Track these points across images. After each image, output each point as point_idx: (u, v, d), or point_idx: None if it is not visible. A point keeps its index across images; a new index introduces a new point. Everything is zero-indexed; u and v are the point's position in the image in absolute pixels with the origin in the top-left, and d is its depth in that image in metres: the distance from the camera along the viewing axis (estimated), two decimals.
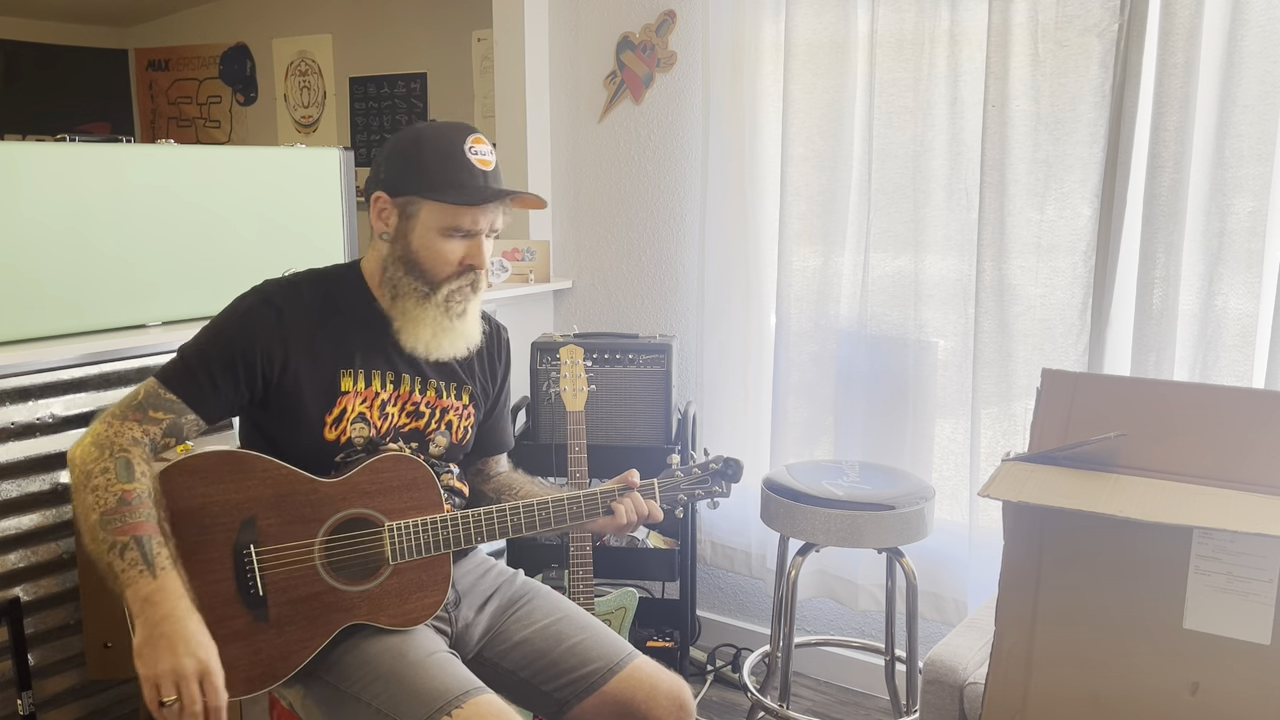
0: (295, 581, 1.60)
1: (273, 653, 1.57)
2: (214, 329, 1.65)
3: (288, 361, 1.63)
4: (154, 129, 6.60)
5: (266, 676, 1.57)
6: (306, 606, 1.60)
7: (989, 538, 2.57)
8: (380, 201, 1.65)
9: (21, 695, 2.00)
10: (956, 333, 2.68)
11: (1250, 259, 2.24)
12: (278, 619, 1.58)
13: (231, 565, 1.57)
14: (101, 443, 1.53)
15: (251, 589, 1.57)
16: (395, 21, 5.42)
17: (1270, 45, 2.18)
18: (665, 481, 1.79)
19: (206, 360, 1.60)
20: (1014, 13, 2.44)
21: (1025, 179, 2.49)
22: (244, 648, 1.55)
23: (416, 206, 1.62)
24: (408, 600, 1.66)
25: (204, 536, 1.56)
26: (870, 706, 2.91)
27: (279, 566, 1.59)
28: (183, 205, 2.44)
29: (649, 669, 1.76)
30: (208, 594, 1.53)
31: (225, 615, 1.55)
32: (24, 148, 2.26)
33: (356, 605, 1.63)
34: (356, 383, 1.68)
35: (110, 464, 1.50)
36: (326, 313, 1.68)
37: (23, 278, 2.18)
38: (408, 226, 1.64)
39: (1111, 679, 1.58)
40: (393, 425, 1.72)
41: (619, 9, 3.15)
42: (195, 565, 1.53)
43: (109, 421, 1.56)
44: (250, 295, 1.68)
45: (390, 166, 1.64)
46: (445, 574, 1.69)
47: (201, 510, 1.56)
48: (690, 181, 3.10)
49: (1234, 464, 1.57)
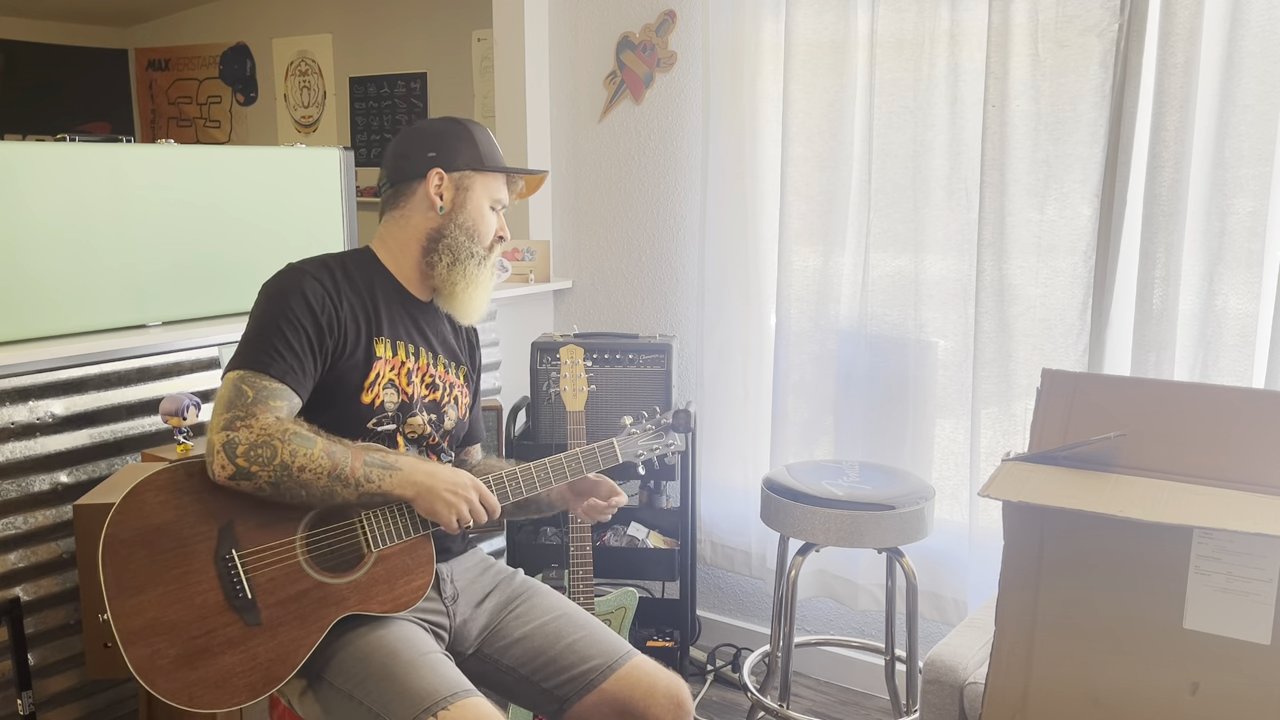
0: (282, 581, 1.60)
1: (270, 656, 1.57)
2: (279, 314, 1.66)
3: (345, 331, 1.71)
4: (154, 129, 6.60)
5: (267, 681, 1.57)
6: (296, 605, 1.60)
7: (989, 538, 2.57)
8: (438, 177, 1.80)
9: (21, 695, 2.00)
10: (956, 333, 2.68)
11: (1250, 259, 2.24)
12: (270, 621, 1.58)
13: (215, 574, 1.57)
14: (259, 442, 1.55)
15: (240, 594, 1.57)
16: (395, 21, 5.42)
17: (1270, 45, 2.18)
18: (623, 440, 1.89)
19: (292, 345, 1.64)
20: (1014, 13, 2.44)
21: (1025, 179, 2.49)
22: (240, 655, 1.55)
23: (471, 180, 1.82)
24: (395, 586, 1.67)
25: (184, 549, 1.55)
26: (870, 706, 2.91)
27: (263, 567, 1.59)
28: (183, 205, 2.44)
29: (647, 668, 1.77)
30: (195, 607, 1.53)
31: (217, 625, 1.55)
32: (24, 148, 2.26)
33: (346, 597, 1.63)
34: (386, 350, 1.76)
35: (290, 446, 1.56)
36: (355, 285, 1.76)
37: (23, 278, 2.18)
38: (464, 198, 1.81)
39: (1111, 679, 1.58)
40: (417, 395, 1.79)
41: (619, 9, 3.15)
42: (178, 579, 1.53)
43: (241, 425, 1.56)
44: (291, 275, 1.71)
45: (444, 147, 1.81)
46: (428, 555, 1.72)
47: (177, 523, 1.56)
48: (690, 181, 3.10)
49: (1234, 464, 1.57)
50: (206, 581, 1.56)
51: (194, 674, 1.51)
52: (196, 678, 1.51)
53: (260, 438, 1.56)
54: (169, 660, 1.50)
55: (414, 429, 1.79)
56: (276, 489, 1.57)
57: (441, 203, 1.80)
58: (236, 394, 1.59)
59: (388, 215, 1.83)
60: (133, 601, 1.51)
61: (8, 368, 2.14)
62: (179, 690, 1.49)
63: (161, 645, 1.50)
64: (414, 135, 1.83)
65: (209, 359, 2.47)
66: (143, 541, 1.53)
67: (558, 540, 2.96)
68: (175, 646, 1.51)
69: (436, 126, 1.84)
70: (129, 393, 2.36)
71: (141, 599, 1.51)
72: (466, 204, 1.81)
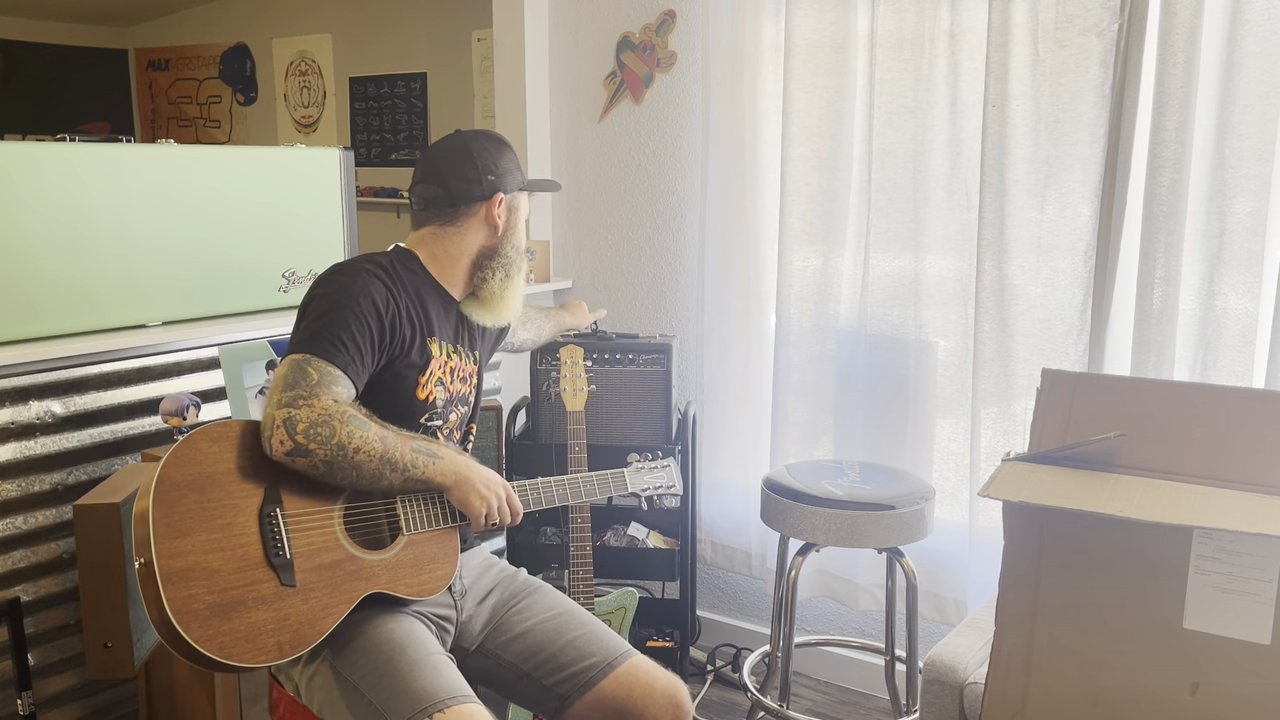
0: (319, 547, 1.62)
1: (300, 619, 1.57)
2: (348, 308, 1.68)
3: (403, 332, 1.75)
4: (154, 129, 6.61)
5: (295, 642, 1.56)
6: (329, 573, 1.61)
7: (989, 538, 2.57)
8: (502, 201, 1.87)
9: (21, 695, 2.00)
10: (956, 333, 2.68)
11: (1250, 259, 2.24)
12: (304, 584, 1.59)
13: (258, 529, 1.58)
14: (319, 421, 1.58)
15: (279, 552, 1.58)
16: (395, 21, 5.42)
17: (1270, 45, 2.18)
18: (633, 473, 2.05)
19: (357, 340, 1.67)
20: (1014, 13, 2.44)
21: (1025, 179, 2.49)
22: (273, 613, 1.55)
23: (519, 200, 1.92)
24: (422, 571, 1.70)
25: (230, 500, 1.57)
26: (870, 706, 2.91)
27: (303, 531, 1.61)
28: (183, 205, 2.44)
29: (646, 667, 1.77)
30: (236, 558, 1.54)
31: (254, 579, 1.55)
32: (24, 148, 2.26)
33: (376, 575, 1.65)
34: (438, 349, 1.82)
35: (347, 427, 1.59)
36: (406, 288, 1.79)
37: (23, 278, 2.18)
38: (515, 218, 1.92)
39: (1111, 679, 1.58)
40: (455, 391, 1.87)
41: (619, 9, 3.15)
42: (222, 528, 1.54)
43: (304, 405, 1.59)
44: (356, 273, 1.74)
45: (499, 169, 1.87)
46: (454, 547, 1.75)
47: (227, 475, 1.58)
48: (690, 181, 3.10)
49: (1234, 464, 1.57)
50: (249, 535, 1.57)
51: (226, 624, 1.50)
52: (229, 628, 1.51)
53: (320, 417, 1.58)
54: (205, 606, 1.49)
55: (451, 424, 1.86)
56: (329, 468, 1.60)
57: (500, 224, 1.87)
58: (300, 374, 1.62)
59: (439, 228, 1.85)
60: (178, 543, 1.51)
61: (8, 368, 2.14)
62: (210, 638, 1.49)
63: (199, 590, 1.50)
64: (472, 154, 1.86)
65: (209, 359, 2.47)
66: (194, 487, 1.54)
67: (558, 540, 2.96)
68: (212, 594, 1.51)
69: (491, 148, 1.89)
70: (129, 393, 2.36)
71: (186, 542, 1.52)
72: (517, 224, 1.92)
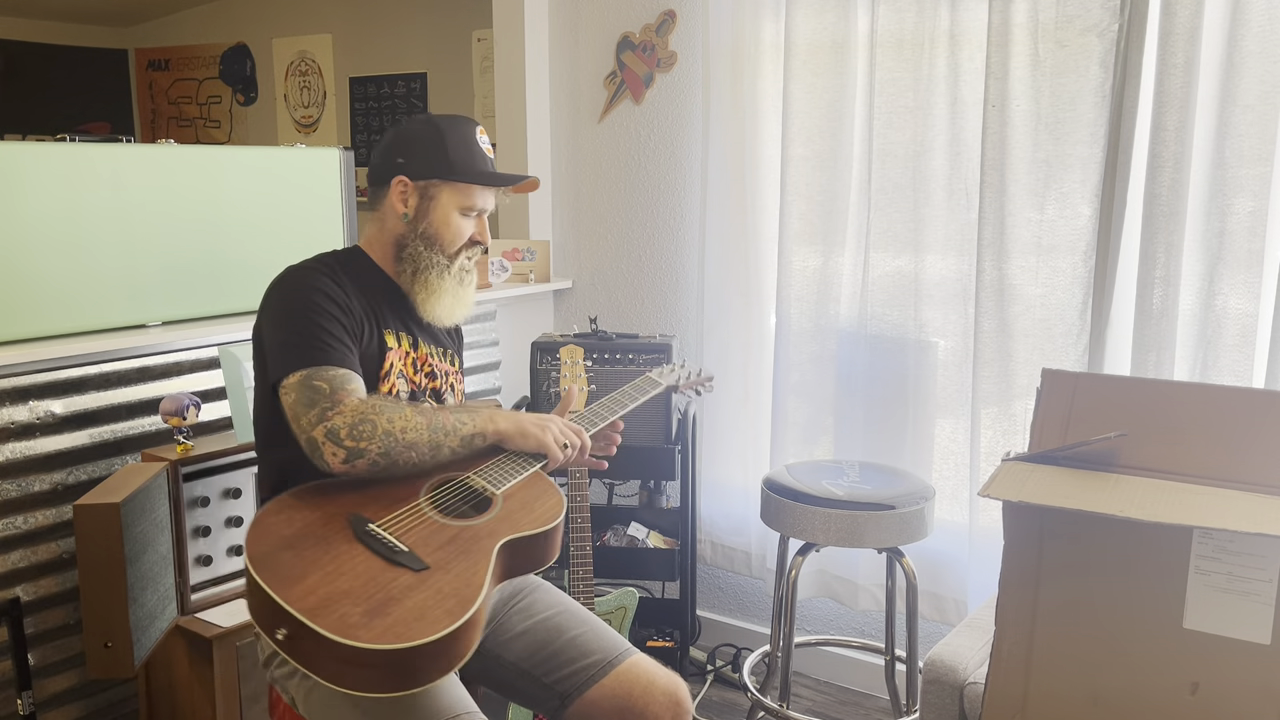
0: (427, 535, 1.58)
1: (453, 586, 1.52)
2: (310, 311, 1.68)
3: (361, 323, 1.74)
4: (154, 129, 6.60)
5: (461, 603, 1.49)
6: (453, 546, 1.58)
7: (989, 538, 2.57)
8: (402, 185, 1.81)
9: (21, 695, 1.99)
10: (956, 333, 2.68)
11: (1250, 259, 2.24)
12: (436, 562, 1.54)
13: (365, 547, 1.54)
14: (355, 421, 1.59)
15: (397, 551, 1.54)
16: (395, 21, 5.42)
17: (1270, 45, 2.18)
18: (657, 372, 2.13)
19: (335, 334, 1.67)
20: (1014, 13, 2.44)
21: (1025, 179, 2.49)
22: (426, 592, 1.49)
23: (438, 189, 1.80)
24: (534, 509, 1.69)
25: (323, 543, 1.53)
26: (870, 706, 2.91)
27: (405, 530, 1.58)
28: (183, 205, 2.44)
29: (646, 665, 1.77)
30: (361, 574, 1.49)
31: (389, 579, 1.49)
32: (24, 148, 2.26)
33: (495, 529, 1.63)
34: (394, 340, 1.80)
35: (384, 417, 1.60)
36: (355, 282, 1.78)
37: (23, 278, 2.18)
38: (428, 207, 1.81)
39: (1111, 679, 1.58)
40: (422, 384, 1.84)
41: (619, 9, 3.15)
42: (332, 560, 1.50)
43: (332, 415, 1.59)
44: (302, 274, 1.73)
45: (412, 153, 1.80)
46: (550, 482, 1.76)
47: (306, 528, 1.55)
48: (690, 181, 3.10)
49: (1234, 464, 1.57)
50: (360, 554, 1.53)
51: (389, 618, 1.44)
52: (393, 619, 1.44)
53: (356, 417, 1.59)
54: (359, 615, 1.43)
55: None
56: (388, 458, 1.60)
57: (406, 210, 1.81)
58: (312, 391, 1.62)
59: (372, 213, 1.87)
60: (300, 587, 1.45)
61: (8, 368, 2.14)
62: (383, 634, 1.41)
63: (345, 608, 1.44)
64: (391, 137, 1.84)
65: (209, 359, 2.47)
66: (285, 547, 1.51)
67: None
68: (359, 605, 1.44)
69: (411, 129, 1.83)
70: (129, 392, 2.36)
71: (307, 583, 1.46)
72: (430, 213, 1.81)
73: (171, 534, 2.20)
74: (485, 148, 1.85)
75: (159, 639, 2.09)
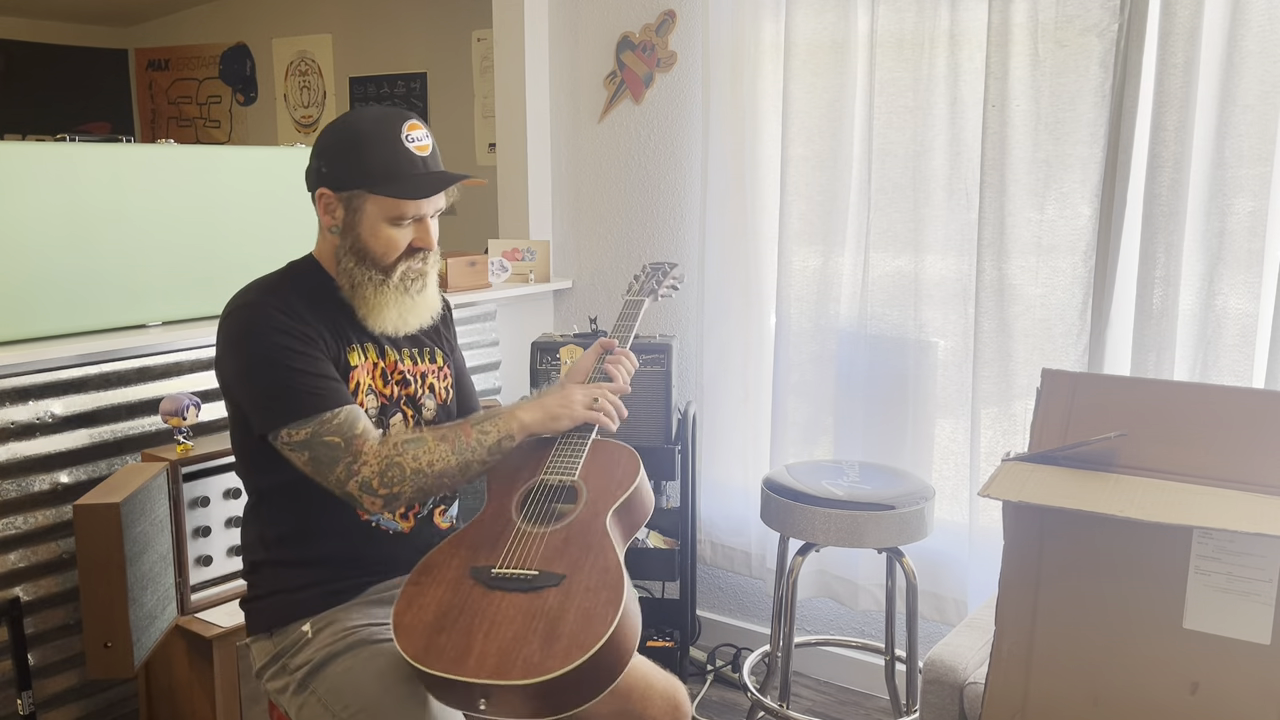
0: (544, 549, 1.60)
1: (596, 579, 1.54)
2: (279, 353, 1.61)
3: (325, 344, 1.67)
4: (154, 129, 6.60)
5: (615, 589, 1.52)
6: (573, 546, 1.60)
7: (989, 538, 2.57)
8: (325, 197, 1.68)
9: (21, 695, 1.99)
10: (956, 333, 2.68)
11: (1250, 259, 2.24)
12: (568, 568, 1.56)
13: (504, 592, 1.53)
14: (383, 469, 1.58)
15: (529, 578, 1.54)
16: (395, 21, 5.42)
17: (1270, 45, 2.18)
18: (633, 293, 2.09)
19: (311, 370, 1.61)
20: (1014, 13, 2.44)
21: (1025, 179, 2.49)
22: (577, 597, 1.51)
23: (361, 200, 1.65)
24: (614, 473, 1.73)
25: (469, 609, 1.52)
26: (870, 706, 2.91)
27: (523, 557, 1.58)
28: (183, 205, 2.44)
29: (645, 668, 1.77)
30: (512, 617, 1.49)
31: (541, 605, 1.50)
32: (24, 148, 2.26)
33: (596, 509, 1.66)
34: (358, 355, 1.73)
35: (410, 457, 1.59)
36: (310, 301, 1.69)
37: (23, 278, 2.18)
38: (355, 219, 1.67)
39: (1111, 679, 1.58)
40: (394, 394, 1.77)
41: (619, 9, 3.15)
42: (486, 623, 1.49)
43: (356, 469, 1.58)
44: (248, 317, 1.64)
45: (331, 162, 1.66)
46: (616, 444, 1.79)
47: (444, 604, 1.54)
48: (690, 181, 3.10)
49: (1234, 464, 1.57)
50: (503, 600, 1.52)
51: (563, 638, 1.45)
52: (568, 635, 1.45)
53: (383, 464, 1.58)
54: (538, 651, 1.44)
55: (396, 430, 1.75)
56: (424, 492, 1.61)
57: (333, 222, 1.68)
58: (328, 448, 1.59)
59: None
60: (472, 659, 1.44)
61: (8, 368, 2.14)
62: (568, 653, 1.42)
63: (524, 651, 1.44)
64: (324, 139, 1.69)
65: (209, 359, 2.47)
66: (436, 632, 1.49)
67: None
68: (532, 642, 1.45)
69: (330, 133, 1.68)
70: (129, 393, 2.36)
71: (476, 652, 1.45)
72: (357, 225, 1.66)
73: (171, 534, 2.20)
74: (414, 147, 1.66)
75: (159, 639, 2.09)
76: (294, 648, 1.68)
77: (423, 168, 1.67)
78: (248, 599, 1.77)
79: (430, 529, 1.79)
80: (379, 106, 1.70)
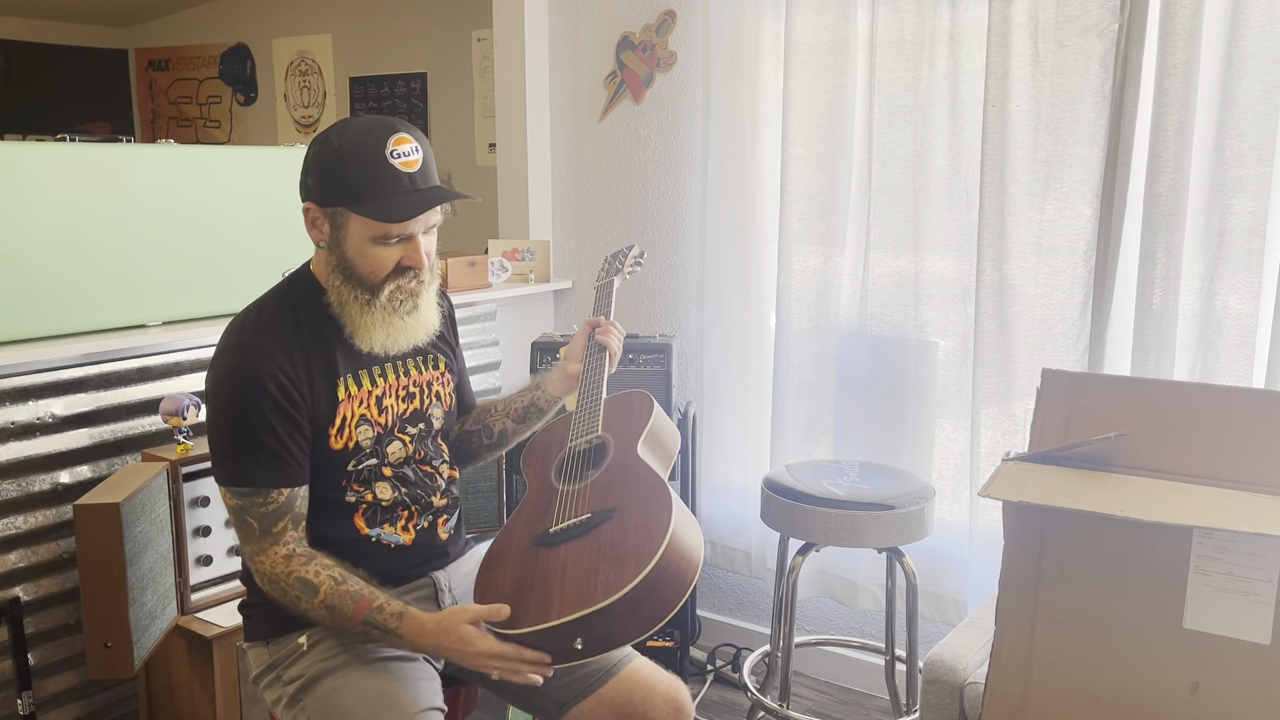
0: (591, 496, 1.70)
1: (645, 498, 1.64)
2: (249, 416, 1.58)
3: (315, 395, 1.64)
4: (154, 129, 6.60)
5: (663, 500, 1.62)
6: (616, 483, 1.70)
7: (989, 538, 2.57)
8: (311, 212, 1.63)
9: (21, 695, 2.00)
10: (956, 333, 2.68)
11: (1250, 259, 2.24)
12: (618, 501, 1.65)
13: (566, 543, 1.61)
14: (271, 582, 1.61)
15: (585, 523, 1.63)
16: (395, 21, 5.42)
17: (1270, 45, 2.18)
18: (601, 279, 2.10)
19: (270, 446, 1.59)
20: (1014, 13, 2.44)
21: (1025, 179, 2.49)
22: (633, 518, 1.60)
23: (345, 217, 1.59)
24: (634, 415, 1.86)
25: (539, 570, 1.59)
26: (870, 706, 2.91)
27: (575, 509, 1.67)
28: (183, 205, 2.45)
29: (647, 670, 1.76)
30: (586, 557, 1.56)
31: (602, 540, 1.58)
32: (24, 148, 2.26)
33: (626, 449, 1.77)
34: (349, 388, 1.68)
35: (294, 593, 1.59)
36: (302, 333, 1.65)
37: (23, 278, 2.18)
38: (340, 236, 1.61)
39: (1111, 679, 1.58)
40: (395, 415, 1.74)
41: (619, 9, 3.15)
42: (557, 574, 1.56)
43: (256, 561, 1.62)
44: (245, 363, 1.60)
45: (317, 177, 1.61)
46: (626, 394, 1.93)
47: (515, 574, 1.61)
48: (690, 181, 3.10)
49: (1234, 464, 1.57)
50: (566, 550, 1.60)
51: (630, 554, 1.52)
52: (633, 551, 1.52)
53: (269, 581, 1.61)
54: (611, 572, 1.51)
55: (394, 455, 1.72)
56: (296, 610, 1.62)
57: (321, 237, 1.63)
58: (244, 526, 1.62)
59: None
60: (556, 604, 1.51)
61: (8, 368, 2.14)
62: (638, 563, 1.49)
63: (599, 579, 1.51)
64: (312, 151, 1.62)
65: (209, 359, 2.47)
66: (515, 597, 1.56)
67: None
68: (604, 571, 1.52)
69: (315, 146, 1.61)
70: (129, 393, 2.36)
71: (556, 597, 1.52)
72: (342, 243, 1.60)
73: (171, 534, 2.20)
74: (400, 162, 1.57)
75: (159, 639, 2.10)
76: (289, 659, 1.68)
77: (409, 185, 1.58)
78: (245, 604, 1.77)
79: (432, 540, 1.78)
80: (369, 117, 1.63)
